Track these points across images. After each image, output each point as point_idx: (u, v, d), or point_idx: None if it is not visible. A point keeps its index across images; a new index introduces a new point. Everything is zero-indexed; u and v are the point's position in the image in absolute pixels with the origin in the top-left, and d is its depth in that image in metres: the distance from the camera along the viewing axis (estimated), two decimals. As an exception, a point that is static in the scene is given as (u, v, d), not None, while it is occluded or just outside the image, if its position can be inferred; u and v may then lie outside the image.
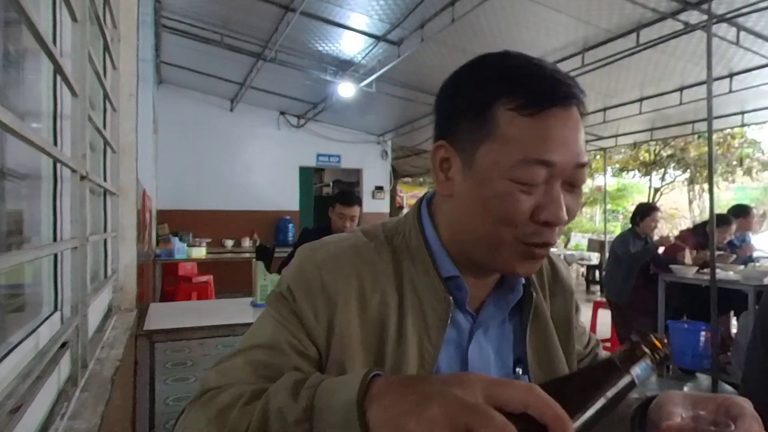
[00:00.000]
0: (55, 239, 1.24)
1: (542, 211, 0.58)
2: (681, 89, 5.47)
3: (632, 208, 5.04)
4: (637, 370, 0.47)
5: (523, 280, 0.70)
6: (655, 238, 4.50)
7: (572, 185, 0.60)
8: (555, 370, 0.71)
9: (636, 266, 4.27)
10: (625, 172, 14.37)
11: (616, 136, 7.73)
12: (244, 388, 0.56)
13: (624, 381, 0.46)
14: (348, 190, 3.17)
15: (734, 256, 4.35)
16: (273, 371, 0.59)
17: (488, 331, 0.69)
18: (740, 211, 4.71)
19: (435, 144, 0.65)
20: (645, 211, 4.43)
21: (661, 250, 4.36)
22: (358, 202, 3.03)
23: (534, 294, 0.71)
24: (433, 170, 0.66)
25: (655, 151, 12.63)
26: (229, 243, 7.94)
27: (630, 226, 4.54)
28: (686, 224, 14.38)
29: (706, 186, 9.32)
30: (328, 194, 10.79)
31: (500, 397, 0.39)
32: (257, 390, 0.54)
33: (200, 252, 6.15)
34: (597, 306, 4.97)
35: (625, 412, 0.62)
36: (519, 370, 0.69)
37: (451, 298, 0.65)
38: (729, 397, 0.56)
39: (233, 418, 0.52)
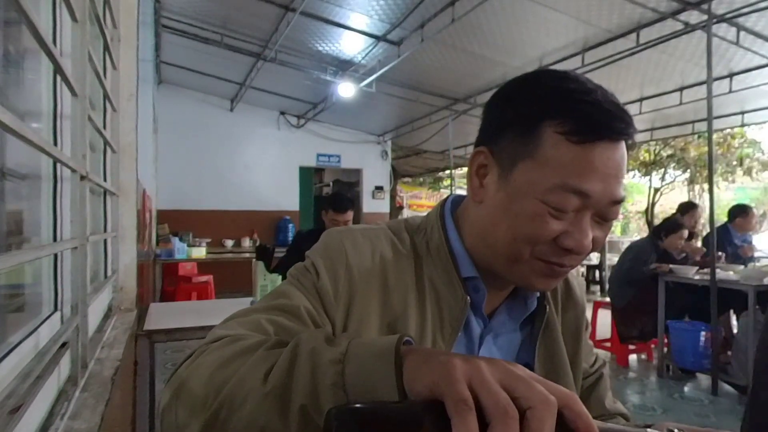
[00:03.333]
0: (55, 239, 1.24)
1: (567, 237, 0.58)
2: (681, 89, 5.48)
3: (632, 208, 5.00)
4: None
5: (537, 293, 0.71)
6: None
7: (603, 219, 0.60)
8: (559, 384, 0.70)
9: (639, 280, 4.19)
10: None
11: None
12: (267, 338, 0.54)
13: None
14: (340, 194, 3.12)
15: (696, 268, 4.13)
16: (291, 336, 0.57)
17: (498, 338, 0.70)
18: (740, 211, 4.71)
19: (476, 149, 0.65)
20: (671, 228, 4.27)
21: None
22: (351, 206, 3.03)
23: (547, 307, 0.71)
24: (469, 174, 0.66)
25: (655, 151, 12.62)
26: (229, 243, 7.94)
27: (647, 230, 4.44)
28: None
29: (706, 186, 9.31)
30: (328, 194, 10.80)
31: (545, 385, 0.37)
32: (282, 340, 0.52)
33: (200, 252, 6.14)
34: (597, 306, 4.97)
35: None
36: None
37: (468, 297, 0.65)
38: None
39: (257, 356, 0.49)
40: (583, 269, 9.66)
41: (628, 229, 17.38)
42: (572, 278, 0.80)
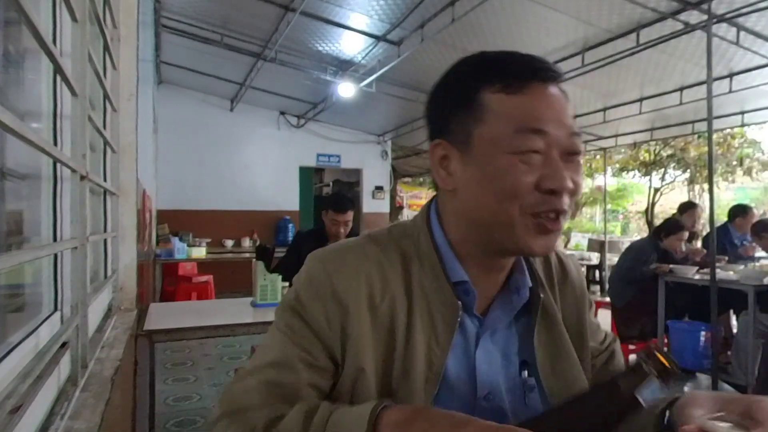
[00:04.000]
0: (55, 239, 1.24)
1: (546, 180, 0.59)
2: (681, 89, 5.47)
3: (632, 208, 4.99)
4: (644, 393, 0.46)
5: (529, 282, 0.70)
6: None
7: (570, 154, 0.62)
8: (568, 370, 0.70)
9: (639, 280, 4.19)
10: (625, 172, 14.37)
11: (616, 136, 7.73)
12: (255, 422, 0.59)
13: (632, 406, 0.45)
14: (340, 194, 3.11)
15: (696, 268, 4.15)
16: (285, 390, 0.61)
17: (495, 334, 0.69)
18: (740, 211, 4.71)
19: (432, 144, 0.67)
20: (671, 229, 4.27)
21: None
22: (351, 207, 3.00)
23: (542, 295, 0.71)
24: (434, 169, 0.67)
25: (655, 151, 12.61)
26: (229, 243, 7.94)
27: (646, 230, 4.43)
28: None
29: (706, 186, 9.31)
30: (328, 194, 10.79)
31: None
32: (269, 421, 0.58)
33: (200, 252, 6.15)
34: (597, 306, 4.97)
35: (651, 412, 0.61)
36: (525, 373, 0.69)
37: (459, 302, 0.65)
38: (756, 399, 0.54)
39: None
40: (583, 269, 9.64)
41: (628, 229, 17.38)
42: (567, 260, 0.80)
